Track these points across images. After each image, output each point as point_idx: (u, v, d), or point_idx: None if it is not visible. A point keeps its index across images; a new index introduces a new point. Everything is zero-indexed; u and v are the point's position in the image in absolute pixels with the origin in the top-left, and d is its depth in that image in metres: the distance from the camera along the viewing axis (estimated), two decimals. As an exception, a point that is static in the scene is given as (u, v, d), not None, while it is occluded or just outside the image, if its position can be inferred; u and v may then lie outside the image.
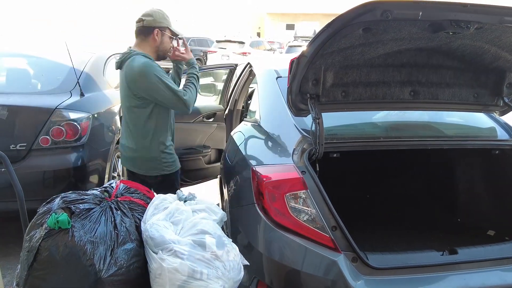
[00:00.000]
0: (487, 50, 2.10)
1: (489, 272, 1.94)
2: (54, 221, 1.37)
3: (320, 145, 1.98)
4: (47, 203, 1.57)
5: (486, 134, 2.54)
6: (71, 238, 1.37)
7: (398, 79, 2.22)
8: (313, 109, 2.04)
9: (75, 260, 1.35)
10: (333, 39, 1.87)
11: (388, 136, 2.41)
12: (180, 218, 1.57)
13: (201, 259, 1.43)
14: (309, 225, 1.87)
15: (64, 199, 1.53)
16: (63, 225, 1.38)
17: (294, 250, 1.89)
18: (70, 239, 1.37)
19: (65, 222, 1.38)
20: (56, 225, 1.37)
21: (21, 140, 3.08)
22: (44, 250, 1.37)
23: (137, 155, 2.47)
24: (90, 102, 3.50)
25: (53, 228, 1.38)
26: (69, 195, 1.58)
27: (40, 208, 1.56)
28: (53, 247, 1.36)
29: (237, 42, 16.78)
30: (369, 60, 2.10)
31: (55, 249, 1.36)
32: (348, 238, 1.83)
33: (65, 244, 1.36)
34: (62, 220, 1.38)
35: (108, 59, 4.29)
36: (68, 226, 1.38)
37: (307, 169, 1.95)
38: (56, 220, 1.37)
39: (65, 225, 1.38)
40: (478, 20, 1.82)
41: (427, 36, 1.94)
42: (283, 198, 1.91)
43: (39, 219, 1.48)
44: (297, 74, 2.02)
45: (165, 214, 1.57)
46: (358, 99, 2.20)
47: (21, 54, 4.25)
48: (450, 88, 2.29)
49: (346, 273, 1.78)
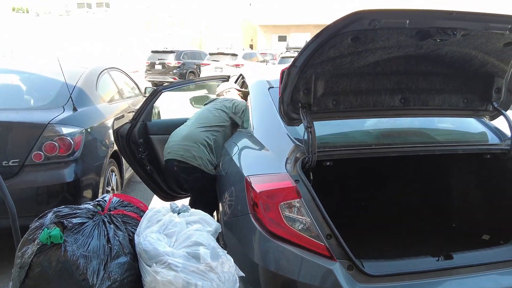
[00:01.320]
0: (474, 56, 2.13)
1: (485, 276, 1.94)
2: (46, 236, 1.36)
3: (313, 153, 1.99)
4: (40, 218, 1.56)
5: (477, 139, 2.56)
6: (64, 253, 1.36)
7: (388, 87, 2.24)
8: (305, 118, 2.05)
9: (68, 275, 1.33)
10: (322, 49, 1.89)
11: (380, 143, 2.43)
12: (173, 231, 1.56)
13: (196, 271, 1.42)
14: (304, 234, 1.87)
15: (57, 214, 1.52)
16: (56, 240, 1.37)
17: (289, 260, 1.88)
18: (63, 254, 1.36)
19: (57, 237, 1.37)
20: (49, 240, 1.36)
21: (13, 156, 3.05)
22: (36, 266, 1.35)
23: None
24: (83, 117, 3.50)
25: (45, 243, 1.37)
26: (62, 210, 1.57)
27: (32, 223, 1.55)
28: (46, 263, 1.35)
29: (230, 55, 16.87)
30: (359, 69, 2.13)
31: (47, 265, 1.35)
32: (343, 246, 1.83)
33: (57, 259, 1.35)
34: (55, 235, 1.37)
35: (101, 74, 4.31)
36: (61, 241, 1.37)
37: (301, 178, 1.95)
38: (48, 235, 1.36)
39: (57, 240, 1.37)
40: (464, 27, 1.86)
41: (415, 43, 1.96)
42: (277, 208, 1.90)
43: (31, 235, 1.46)
44: (288, 84, 2.04)
45: (159, 227, 1.56)
46: (349, 108, 2.22)
47: (13, 70, 4.24)
48: (440, 94, 2.31)
49: (342, 281, 1.77)
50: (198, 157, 2.85)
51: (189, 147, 2.89)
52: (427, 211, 2.88)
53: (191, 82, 4.67)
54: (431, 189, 2.93)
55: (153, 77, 16.92)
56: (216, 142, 2.92)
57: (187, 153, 2.87)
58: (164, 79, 15.94)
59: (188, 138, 2.94)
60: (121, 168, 4.15)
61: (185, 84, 5.24)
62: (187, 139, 2.93)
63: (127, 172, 4.42)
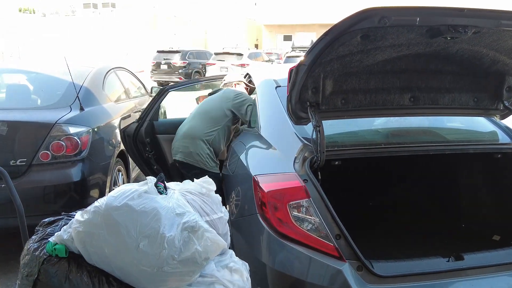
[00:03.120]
0: (485, 54, 2.10)
1: (496, 278, 1.91)
2: (51, 249, 1.35)
3: (321, 153, 1.97)
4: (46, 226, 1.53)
5: (487, 138, 2.53)
6: (70, 267, 1.35)
7: (398, 85, 2.21)
8: (313, 117, 2.03)
9: None
10: (331, 47, 1.87)
11: (389, 142, 2.40)
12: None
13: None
14: (312, 234, 1.85)
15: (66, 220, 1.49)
16: (61, 254, 1.35)
17: (298, 260, 1.86)
18: (69, 269, 1.34)
19: (62, 251, 1.36)
20: (54, 252, 1.35)
21: (21, 155, 3.06)
22: (43, 276, 1.34)
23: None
24: (90, 116, 3.50)
25: (51, 255, 1.36)
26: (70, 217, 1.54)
27: (41, 227, 1.52)
28: (53, 274, 1.33)
29: (236, 54, 16.88)
30: (368, 67, 2.10)
31: (54, 277, 1.33)
32: (352, 247, 1.81)
33: (65, 274, 1.33)
34: (59, 249, 1.35)
35: (107, 73, 4.31)
36: (65, 255, 1.36)
37: (309, 178, 1.94)
38: (53, 247, 1.35)
39: (62, 254, 1.35)
40: (475, 24, 1.83)
41: (425, 41, 1.94)
42: (285, 208, 1.89)
43: (37, 243, 1.43)
44: (296, 83, 2.02)
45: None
46: (358, 106, 2.20)
47: (21, 70, 4.26)
48: (450, 93, 2.29)
49: (351, 282, 1.75)
50: (195, 154, 2.84)
51: (188, 143, 2.89)
52: (437, 211, 2.85)
53: (198, 81, 4.68)
54: (441, 188, 2.90)
55: (159, 77, 16.96)
56: (215, 137, 2.90)
57: (186, 149, 2.89)
58: (169, 79, 15.98)
59: (187, 135, 2.95)
60: (127, 167, 4.15)
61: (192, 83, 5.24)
62: (186, 136, 2.94)
63: (133, 171, 4.42)
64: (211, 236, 1.34)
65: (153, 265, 1.29)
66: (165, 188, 1.54)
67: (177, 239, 1.31)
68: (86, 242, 1.34)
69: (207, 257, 1.33)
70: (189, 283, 1.36)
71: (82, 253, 1.36)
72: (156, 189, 1.46)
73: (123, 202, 1.34)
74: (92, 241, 1.34)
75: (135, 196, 1.36)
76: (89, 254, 1.35)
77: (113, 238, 1.32)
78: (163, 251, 1.29)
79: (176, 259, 1.30)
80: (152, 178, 1.51)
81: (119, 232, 1.31)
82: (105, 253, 1.33)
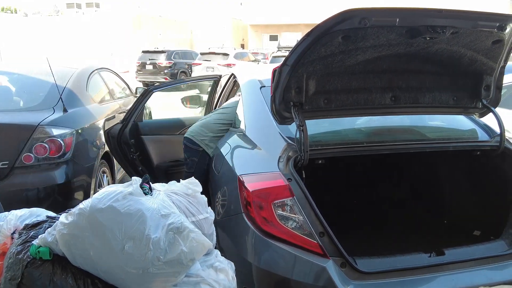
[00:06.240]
0: (463, 54, 2.15)
1: (476, 271, 1.96)
2: (35, 251, 1.34)
3: (305, 152, 2.00)
4: (30, 228, 1.51)
5: (467, 136, 2.59)
6: (54, 270, 1.34)
7: (379, 85, 2.25)
8: (297, 117, 2.05)
9: None
10: (313, 47, 1.90)
11: (371, 141, 2.44)
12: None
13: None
14: (297, 232, 1.88)
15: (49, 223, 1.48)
16: (45, 256, 1.34)
17: (283, 258, 1.88)
18: (53, 271, 1.34)
19: (46, 254, 1.35)
20: (38, 255, 1.34)
21: (3, 158, 3.02)
22: (27, 279, 1.33)
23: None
24: (74, 118, 3.46)
25: (35, 258, 1.35)
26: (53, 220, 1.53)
27: (24, 230, 1.51)
28: (36, 278, 1.32)
29: (222, 54, 16.85)
30: (350, 67, 2.14)
31: (38, 280, 1.32)
32: (336, 244, 1.84)
33: (49, 277, 1.32)
34: (43, 252, 1.35)
35: (91, 74, 4.27)
36: (50, 258, 1.35)
37: (293, 177, 1.96)
38: (37, 250, 1.34)
39: (46, 257, 1.34)
40: (453, 25, 1.88)
41: (405, 42, 1.98)
42: (270, 207, 1.91)
43: (20, 246, 1.42)
44: (280, 83, 2.04)
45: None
46: (341, 106, 2.23)
47: (2, 71, 4.19)
48: (430, 92, 2.33)
49: (335, 278, 1.78)
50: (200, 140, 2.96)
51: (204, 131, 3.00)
52: (419, 208, 2.91)
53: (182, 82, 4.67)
54: (423, 186, 2.96)
55: (144, 77, 16.82)
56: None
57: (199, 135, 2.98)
58: (155, 79, 15.85)
59: (203, 125, 3.05)
60: (112, 169, 4.12)
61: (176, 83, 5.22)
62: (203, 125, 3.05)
63: (118, 173, 4.39)
64: (197, 236, 1.35)
65: (139, 267, 1.30)
66: (150, 189, 1.54)
67: (162, 241, 1.31)
68: (70, 244, 1.34)
69: (192, 257, 1.34)
70: (174, 284, 1.37)
71: (66, 256, 1.35)
72: (141, 190, 1.47)
73: (108, 204, 1.34)
74: (77, 243, 1.33)
75: (120, 198, 1.37)
76: (74, 256, 1.34)
77: (98, 240, 1.32)
78: (149, 253, 1.30)
79: (161, 260, 1.30)
80: (137, 179, 1.51)
81: (104, 234, 1.31)
82: (90, 255, 1.32)
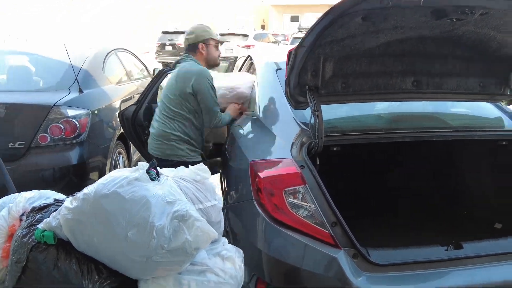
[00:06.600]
0: (492, 37, 2.02)
1: (495, 267, 1.88)
2: (40, 235, 1.34)
3: (319, 138, 1.92)
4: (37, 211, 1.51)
5: (493, 125, 2.46)
6: (58, 254, 1.33)
7: (400, 69, 2.15)
8: (312, 101, 1.98)
9: (64, 278, 1.30)
10: (331, 28, 1.80)
11: (391, 128, 2.35)
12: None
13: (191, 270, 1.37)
14: (308, 221, 1.82)
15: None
16: (49, 241, 1.34)
17: (293, 247, 1.84)
18: (57, 256, 1.33)
19: (50, 238, 1.34)
20: (42, 239, 1.34)
21: (19, 138, 3.05)
22: (32, 262, 1.33)
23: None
24: (89, 99, 3.47)
25: (40, 242, 1.34)
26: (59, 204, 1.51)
27: (31, 213, 1.50)
28: (41, 261, 1.32)
29: (241, 35, 16.67)
30: (370, 50, 2.04)
31: (43, 264, 1.32)
32: (348, 234, 1.78)
33: (53, 261, 1.32)
34: (48, 236, 1.34)
35: (108, 55, 4.26)
36: (54, 242, 1.34)
37: (306, 164, 1.90)
38: (41, 234, 1.34)
39: (50, 241, 1.34)
40: (483, 5, 1.75)
41: (430, 23, 1.86)
42: (281, 194, 1.86)
43: (26, 229, 1.41)
44: (295, 65, 1.96)
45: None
46: (359, 91, 2.14)
47: (20, 52, 4.23)
48: (455, 77, 2.22)
49: (346, 270, 1.73)
50: (173, 155, 2.61)
51: (161, 144, 2.65)
52: (439, 199, 2.81)
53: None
54: (443, 175, 2.85)
55: (164, 58, 16.78)
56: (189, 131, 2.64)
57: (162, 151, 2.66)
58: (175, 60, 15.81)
59: (157, 135, 2.67)
60: (128, 150, 4.14)
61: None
62: (157, 135, 2.67)
63: (135, 154, 4.41)
64: (202, 225, 1.31)
65: (142, 255, 1.28)
66: (158, 175, 1.51)
67: (167, 229, 1.28)
68: (74, 230, 1.32)
69: (197, 247, 1.31)
70: (178, 272, 1.34)
71: (71, 241, 1.34)
72: (148, 176, 1.43)
73: (112, 190, 1.31)
74: (80, 229, 1.32)
75: (125, 184, 1.34)
76: (78, 242, 1.33)
77: (102, 227, 1.30)
78: (152, 241, 1.27)
79: (165, 248, 1.27)
80: (144, 164, 1.48)
81: (108, 220, 1.29)
82: (94, 241, 1.31)
